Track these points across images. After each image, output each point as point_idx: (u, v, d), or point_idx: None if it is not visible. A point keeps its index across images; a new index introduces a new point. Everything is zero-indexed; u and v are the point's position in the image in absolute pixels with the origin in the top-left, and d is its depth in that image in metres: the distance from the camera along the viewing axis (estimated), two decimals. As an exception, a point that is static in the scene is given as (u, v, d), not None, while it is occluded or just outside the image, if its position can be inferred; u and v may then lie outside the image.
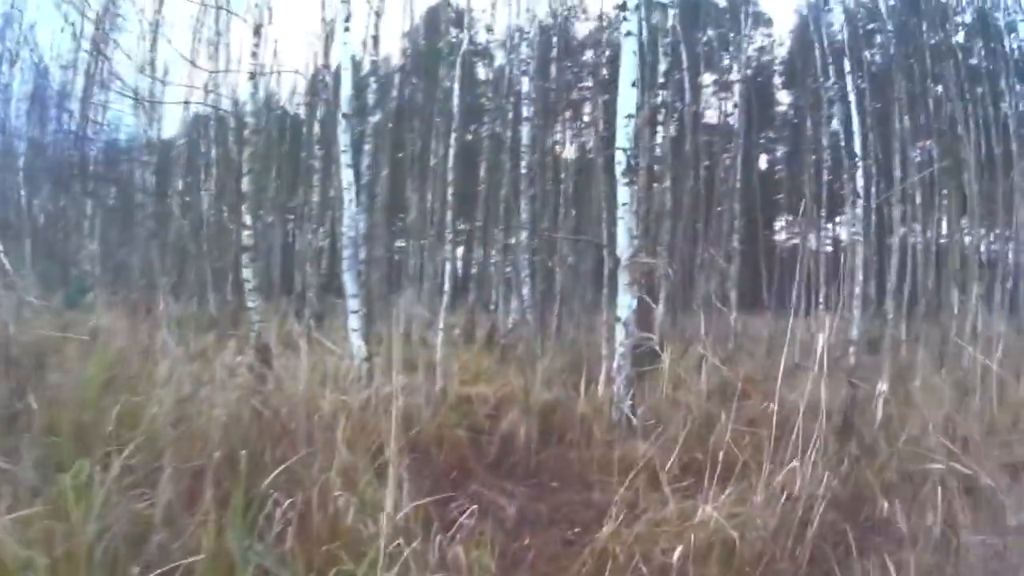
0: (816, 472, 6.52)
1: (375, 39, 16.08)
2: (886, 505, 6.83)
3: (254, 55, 12.44)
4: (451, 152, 13.91)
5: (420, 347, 13.99)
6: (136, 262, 20.91)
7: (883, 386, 9.91)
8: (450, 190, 13.20)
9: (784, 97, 39.66)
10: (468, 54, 30.57)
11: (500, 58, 24.51)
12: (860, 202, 11.53)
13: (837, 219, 29.50)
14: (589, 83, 30.65)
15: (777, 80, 38.96)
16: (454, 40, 29.32)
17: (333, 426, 7.27)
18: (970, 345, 13.84)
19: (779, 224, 39.85)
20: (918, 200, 20.21)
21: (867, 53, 25.62)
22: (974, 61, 22.67)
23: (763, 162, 37.53)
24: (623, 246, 9.07)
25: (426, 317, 16.60)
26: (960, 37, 23.42)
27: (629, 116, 9.13)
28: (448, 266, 11.54)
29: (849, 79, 13.49)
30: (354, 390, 9.16)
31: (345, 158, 10.91)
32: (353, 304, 10.79)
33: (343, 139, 10.89)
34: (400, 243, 30.06)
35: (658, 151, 11.37)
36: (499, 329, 19.18)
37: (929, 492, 6.73)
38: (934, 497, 6.58)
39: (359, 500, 5.97)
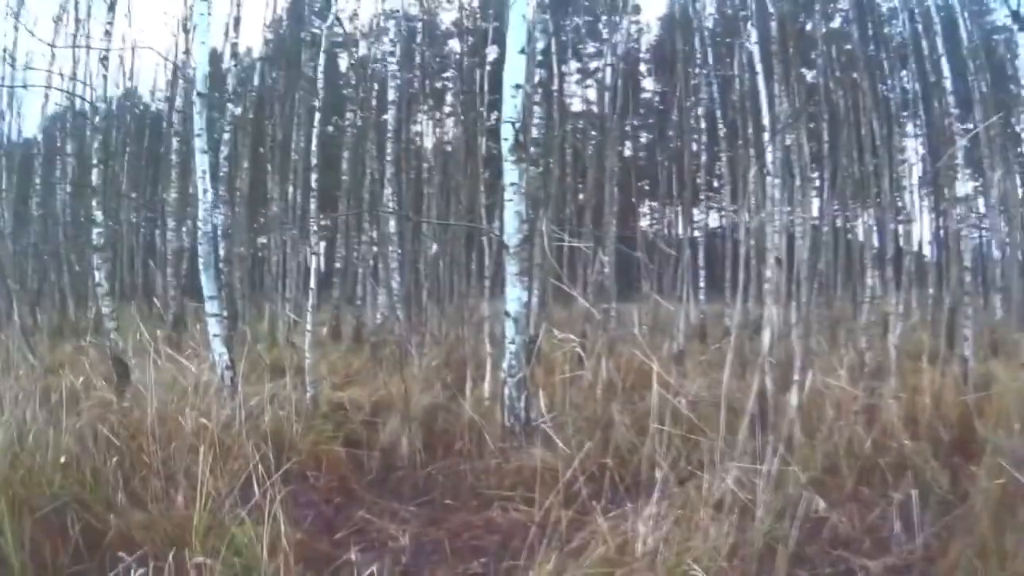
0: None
1: (236, 21, 14.84)
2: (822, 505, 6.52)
3: (107, 33, 11.23)
4: (313, 143, 12.41)
5: (287, 349, 12.78)
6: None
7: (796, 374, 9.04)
8: (313, 176, 11.52)
9: (650, 84, 39.71)
10: (331, 44, 29.79)
11: (363, 48, 23.22)
12: (775, 180, 10.58)
13: (701, 205, 28.91)
14: (450, 72, 29.79)
15: (643, 68, 38.87)
16: (317, 30, 28.55)
17: (195, 449, 6.33)
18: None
19: (644, 211, 39.33)
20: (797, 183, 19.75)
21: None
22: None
23: (628, 149, 36.93)
24: (511, 231, 8.02)
25: (290, 317, 15.56)
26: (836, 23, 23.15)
27: (517, 86, 8.06)
28: (313, 261, 10.19)
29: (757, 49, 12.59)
30: (217, 404, 8.00)
31: (199, 142, 9.70)
32: (212, 307, 9.68)
33: (197, 121, 9.72)
34: (262, 239, 28.54)
35: (534, 132, 10.21)
36: (367, 325, 18.08)
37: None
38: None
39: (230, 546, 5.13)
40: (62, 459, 5.92)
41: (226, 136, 14.37)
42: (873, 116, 18.44)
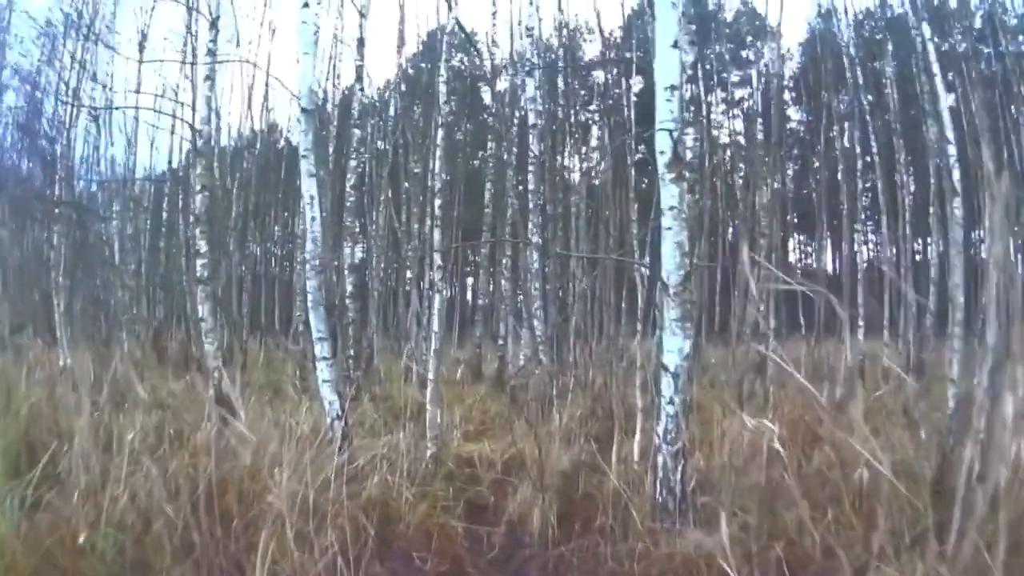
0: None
1: (361, 41, 13.61)
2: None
3: (209, 52, 10.13)
4: (438, 166, 11.03)
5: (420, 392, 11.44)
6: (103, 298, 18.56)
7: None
8: (437, 203, 10.11)
9: (794, 113, 37.58)
10: (474, 77, 28.75)
11: (504, 81, 21.98)
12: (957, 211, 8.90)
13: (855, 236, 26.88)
14: (596, 105, 28.41)
15: (787, 96, 36.88)
16: (459, 65, 27.70)
17: (282, 516, 5.68)
18: None
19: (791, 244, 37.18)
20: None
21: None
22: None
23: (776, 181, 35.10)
24: (671, 266, 6.29)
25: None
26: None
27: (672, 88, 6.34)
28: (437, 300, 8.75)
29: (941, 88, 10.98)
30: (322, 458, 6.97)
31: (306, 164, 8.45)
32: (321, 349, 8.44)
33: (303, 141, 8.42)
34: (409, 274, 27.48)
35: (688, 154, 8.51)
36: (509, 366, 16.60)
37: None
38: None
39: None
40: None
41: (353, 163, 13.01)
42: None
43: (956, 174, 9.62)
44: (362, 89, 14.17)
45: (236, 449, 7.03)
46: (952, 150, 9.95)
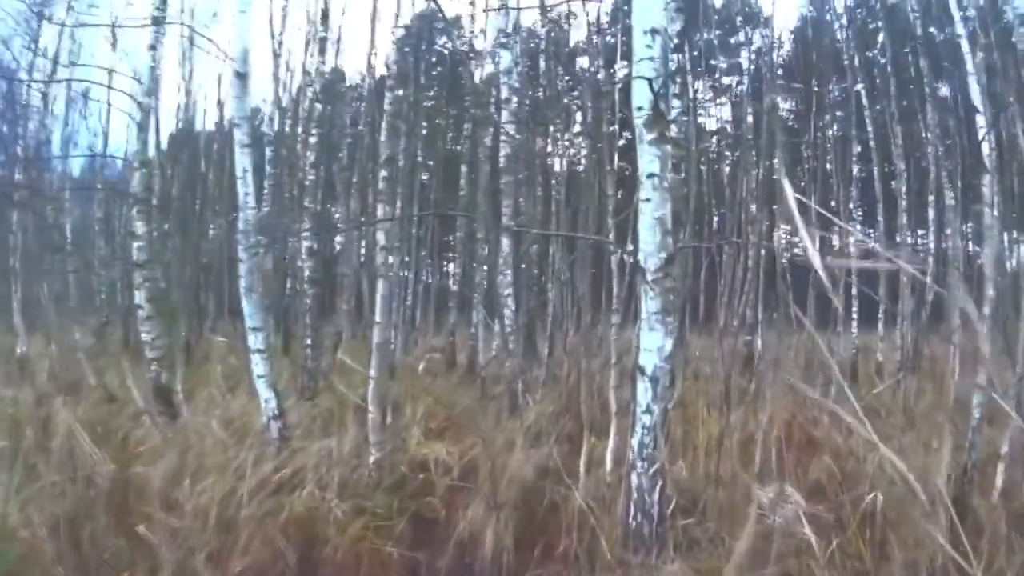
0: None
1: (324, 13, 12.50)
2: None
3: (155, 20, 9.09)
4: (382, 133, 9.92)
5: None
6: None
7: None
8: (381, 174, 8.92)
9: (782, 102, 36.50)
10: (454, 62, 27.81)
11: (489, 66, 20.91)
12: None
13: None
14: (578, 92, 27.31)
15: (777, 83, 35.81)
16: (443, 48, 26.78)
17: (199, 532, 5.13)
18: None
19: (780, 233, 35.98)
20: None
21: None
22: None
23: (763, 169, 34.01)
24: (649, 248, 5.02)
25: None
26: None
27: (653, 32, 4.96)
28: (381, 286, 7.56)
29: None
30: (252, 463, 6.22)
31: (239, 133, 7.57)
32: (256, 340, 7.40)
33: (236, 108, 7.64)
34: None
35: (673, 129, 7.26)
36: (480, 355, 15.52)
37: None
38: None
39: None
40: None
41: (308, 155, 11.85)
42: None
43: (986, 147, 8.24)
44: (323, 62, 12.96)
45: (164, 450, 6.57)
46: (981, 120, 8.53)
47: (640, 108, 4.96)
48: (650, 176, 4.92)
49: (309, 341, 11.33)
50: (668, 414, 5.33)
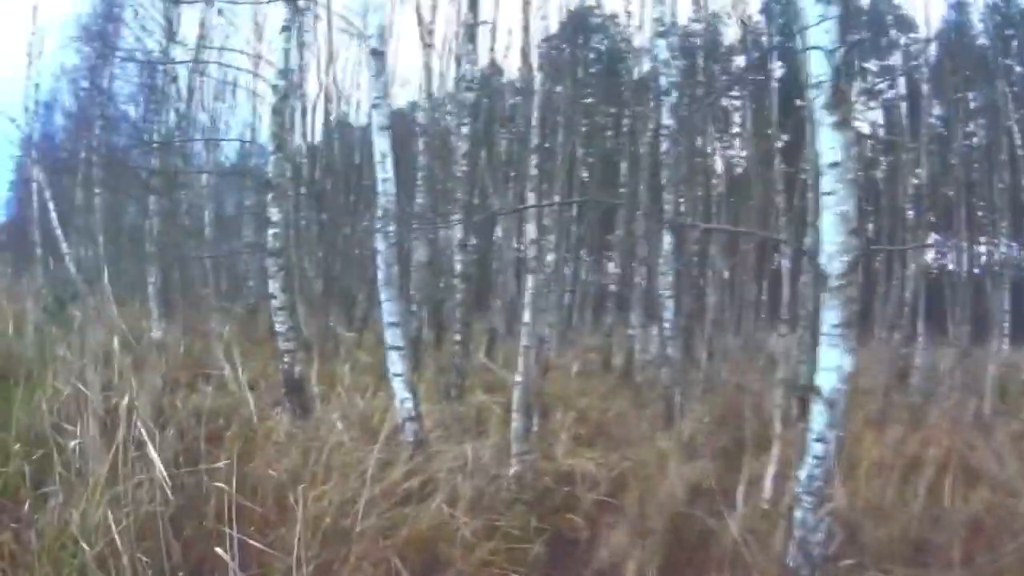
0: None
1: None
2: None
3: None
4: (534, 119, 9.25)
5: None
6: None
7: None
8: (533, 161, 8.16)
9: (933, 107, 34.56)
10: (611, 59, 27.14)
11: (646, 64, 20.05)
12: None
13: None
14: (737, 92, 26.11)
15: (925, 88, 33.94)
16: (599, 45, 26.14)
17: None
18: None
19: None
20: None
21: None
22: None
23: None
24: (832, 248, 4.18)
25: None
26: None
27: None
28: (530, 281, 6.91)
29: None
30: (390, 465, 5.86)
31: (377, 116, 7.12)
32: (393, 336, 6.82)
33: (373, 87, 7.10)
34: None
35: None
36: (636, 358, 14.70)
37: None
38: None
39: None
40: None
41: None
42: None
43: None
44: (474, 50, 12.31)
45: (288, 447, 6.15)
46: None
47: (819, 84, 4.15)
48: (832, 165, 4.10)
49: (459, 337, 10.77)
50: (842, 443, 4.54)
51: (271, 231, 8.41)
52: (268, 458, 5.89)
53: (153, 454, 4.79)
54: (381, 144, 6.80)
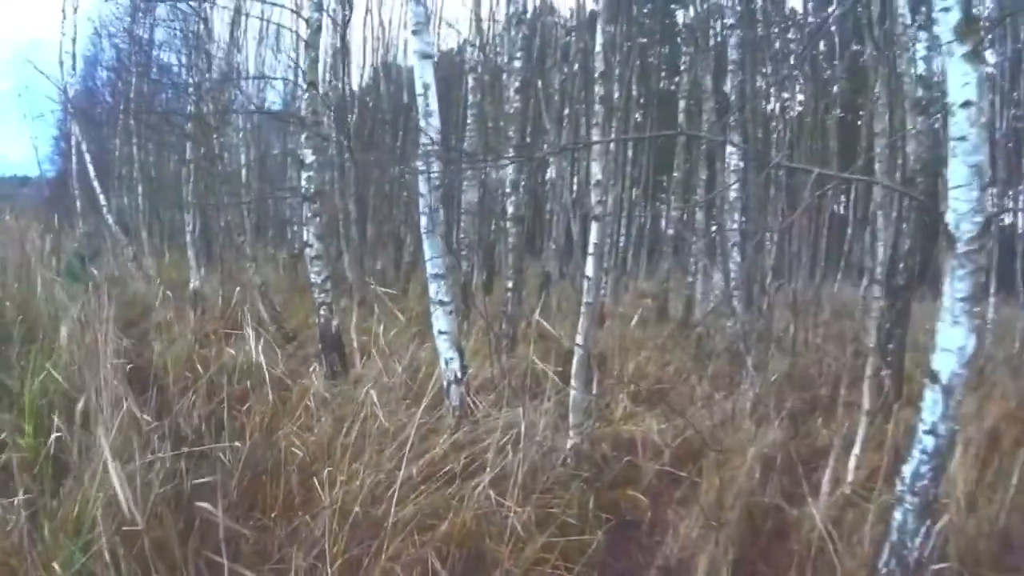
0: None
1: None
2: None
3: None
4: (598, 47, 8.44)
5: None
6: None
7: None
8: (597, 90, 7.23)
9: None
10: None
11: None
12: None
13: None
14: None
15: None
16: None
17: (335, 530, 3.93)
18: None
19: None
20: None
21: None
22: None
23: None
24: (963, 206, 3.41)
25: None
26: None
27: None
28: (595, 229, 6.01)
29: None
30: (433, 434, 5.29)
31: (418, 41, 6.32)
32: (438, 289, 6.28)
33: (414, 12, 6.27)
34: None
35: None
36: (697, 307, 14.07)
37: None
38: None
39: None
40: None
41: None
42: None
43: None
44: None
45: (320, 412, 5.54)
46: None
47: (947, 9, 3.37)
48: (965, 105, 3.32)
49: (510, 284, 10.07)
50: (954, 436, 3.80)
51: (305, 174, 7.84)
52: (297, 425, 5.37)
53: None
54: (424, 74, 6.05)
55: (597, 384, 6.53)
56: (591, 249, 5.90)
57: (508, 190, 10.90)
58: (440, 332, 6.11)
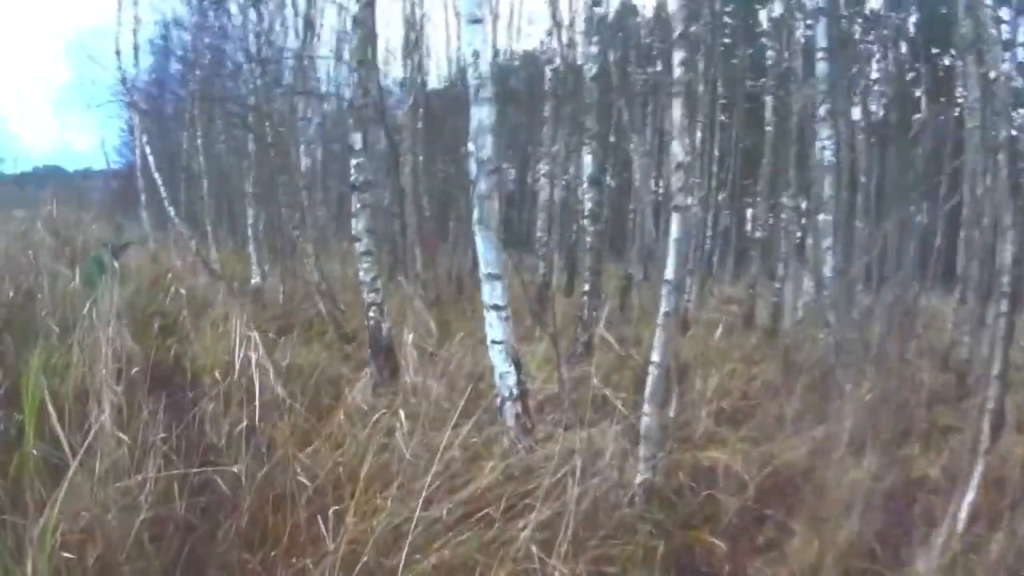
0: None
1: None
2: None
3: None
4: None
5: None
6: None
7: None
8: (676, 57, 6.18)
9: None
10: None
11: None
12: None
13: None
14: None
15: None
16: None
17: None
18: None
19: None
20: None
21: None
22: None
23: None
24: None
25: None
26: None
27: None
28: (676, 223, 4.95)
29: None
30: (478, 459, 4.47)
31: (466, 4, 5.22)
32: (491, 291, 5.36)
33: None
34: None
35: None
36: (785, 316, 12.86)
37: None
38: None
39: None
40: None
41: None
42: None
43: None
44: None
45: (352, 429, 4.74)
46: None
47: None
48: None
49: (587, 287, 9.20)
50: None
51: (354, 160, 7.06)
52: (329, 442, 4.67)
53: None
54: (472, 39, 5.16)
55: (677, 399, 5.57)
56: (672, 246, 4.88)
57: (585, 185, 10.07)
58: (494, 342, 5.23)
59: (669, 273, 4.93)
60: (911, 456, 5.90)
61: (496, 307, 5.27)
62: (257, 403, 4.61)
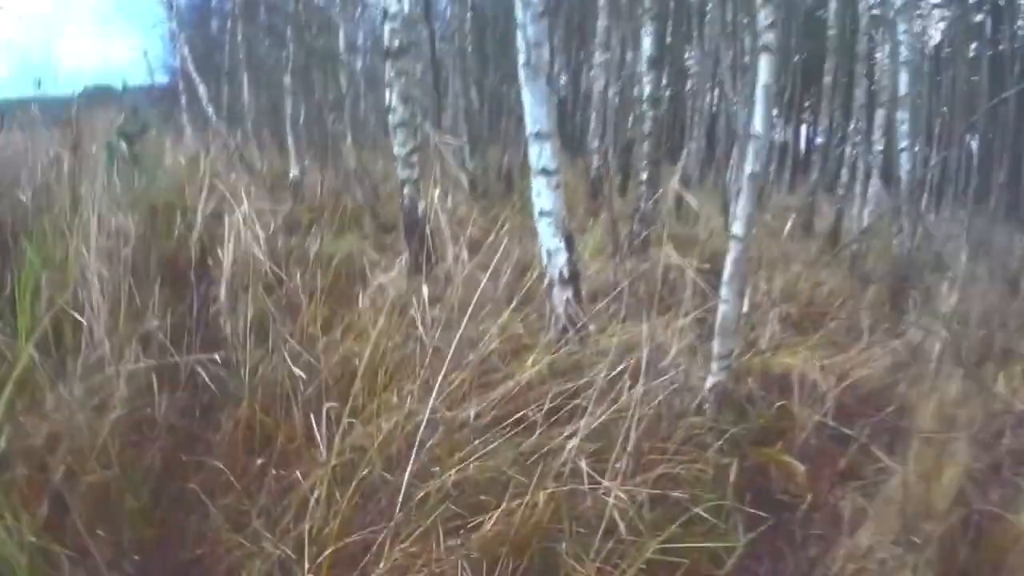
0: None
1: None
2: None
3: None
4: None
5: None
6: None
7: None
8: None
9: None
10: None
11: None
12: None
13: None
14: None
15: None
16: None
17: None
18: None
19: None
20: None
21: None
22: None
23: None
24: None
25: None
26: None
27: None
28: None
29: None
30: (520, 354, 3.77)
31: None
32: (539, 154, 4.52)
33: None
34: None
35: None
36: (849, 223, 12.24)
37: None
38: None
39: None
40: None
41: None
42: None
43: None
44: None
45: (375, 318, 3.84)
46: None
47: None
48: None
49: (645, 176, 8.41)
50: None
51: (388, 26, 6.26)
52: (353, 332, 3.94)
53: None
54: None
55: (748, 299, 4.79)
56: (759, 92, 3.95)
57: (644, 67, 9.21)
58: (542, 213, 4.46)
59: (758, 126, 4.01)
60: (988, 379, 5.15)
61: (545, 171, 4.49)
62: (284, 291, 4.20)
